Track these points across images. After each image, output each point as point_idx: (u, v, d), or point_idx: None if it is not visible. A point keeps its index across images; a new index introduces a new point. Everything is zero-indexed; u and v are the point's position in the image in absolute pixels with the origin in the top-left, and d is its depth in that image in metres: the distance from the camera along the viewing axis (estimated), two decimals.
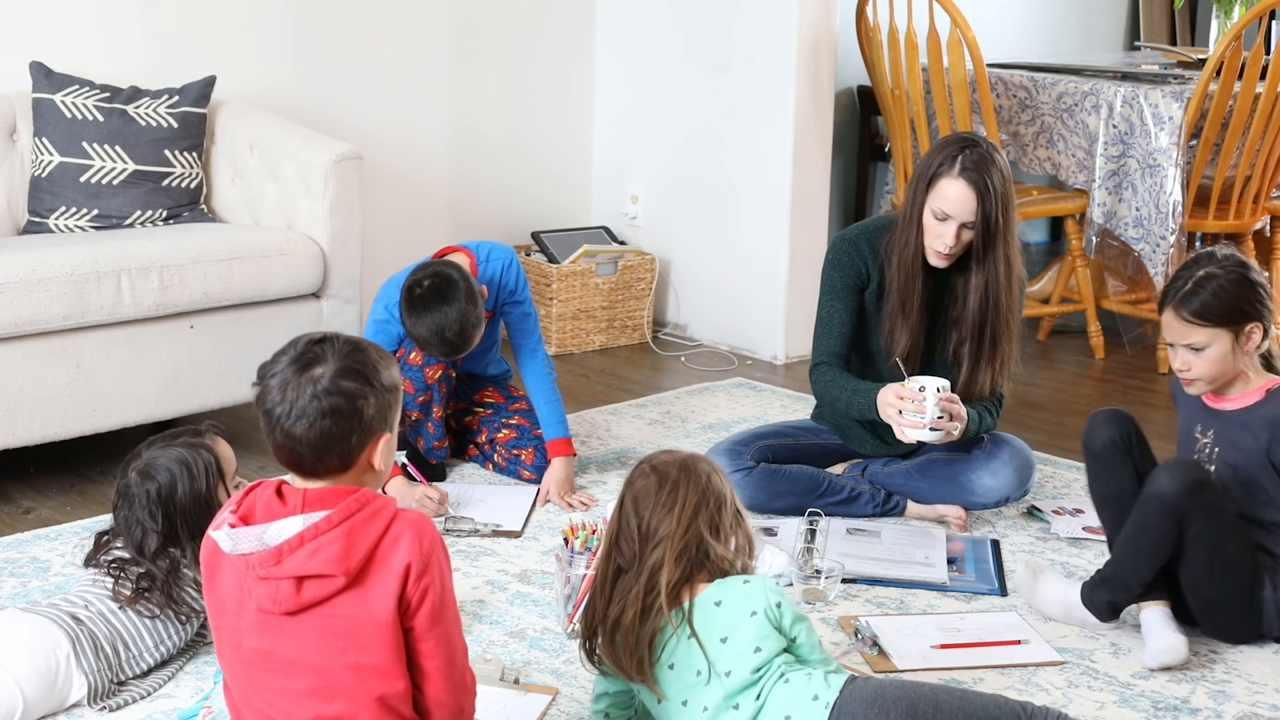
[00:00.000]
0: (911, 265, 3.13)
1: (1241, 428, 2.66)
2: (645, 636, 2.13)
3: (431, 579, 1.87)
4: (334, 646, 1.87)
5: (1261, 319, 2.62)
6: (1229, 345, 2.61)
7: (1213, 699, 2.52)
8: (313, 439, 1.86)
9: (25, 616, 2.38)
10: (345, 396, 1.86)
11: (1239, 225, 4.78)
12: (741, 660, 2.08)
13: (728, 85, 4.74)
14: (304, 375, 1.87)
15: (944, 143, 3.09)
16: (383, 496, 1.91)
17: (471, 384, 3.63)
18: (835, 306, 3.24)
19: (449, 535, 3.15)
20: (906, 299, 3.16)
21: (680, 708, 2.12)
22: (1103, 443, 2.77)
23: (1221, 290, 2.59)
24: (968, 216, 3.04)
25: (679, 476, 2.16)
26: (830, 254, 3.26)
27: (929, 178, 3.06)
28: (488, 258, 3.40)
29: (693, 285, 4.97)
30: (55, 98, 3.68)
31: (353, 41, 4.49)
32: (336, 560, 1.84)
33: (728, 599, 2.12)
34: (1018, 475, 3.24)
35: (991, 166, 3.03)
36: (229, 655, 1.94)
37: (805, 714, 2.04)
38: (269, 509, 1.89)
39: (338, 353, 1.89)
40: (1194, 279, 2.61)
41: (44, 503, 3.34)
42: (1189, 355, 2.63)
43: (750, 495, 3.25)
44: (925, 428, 3.00)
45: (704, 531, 2.14)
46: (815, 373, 3.26)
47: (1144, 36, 6.76)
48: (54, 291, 3.25)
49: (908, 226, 3.13)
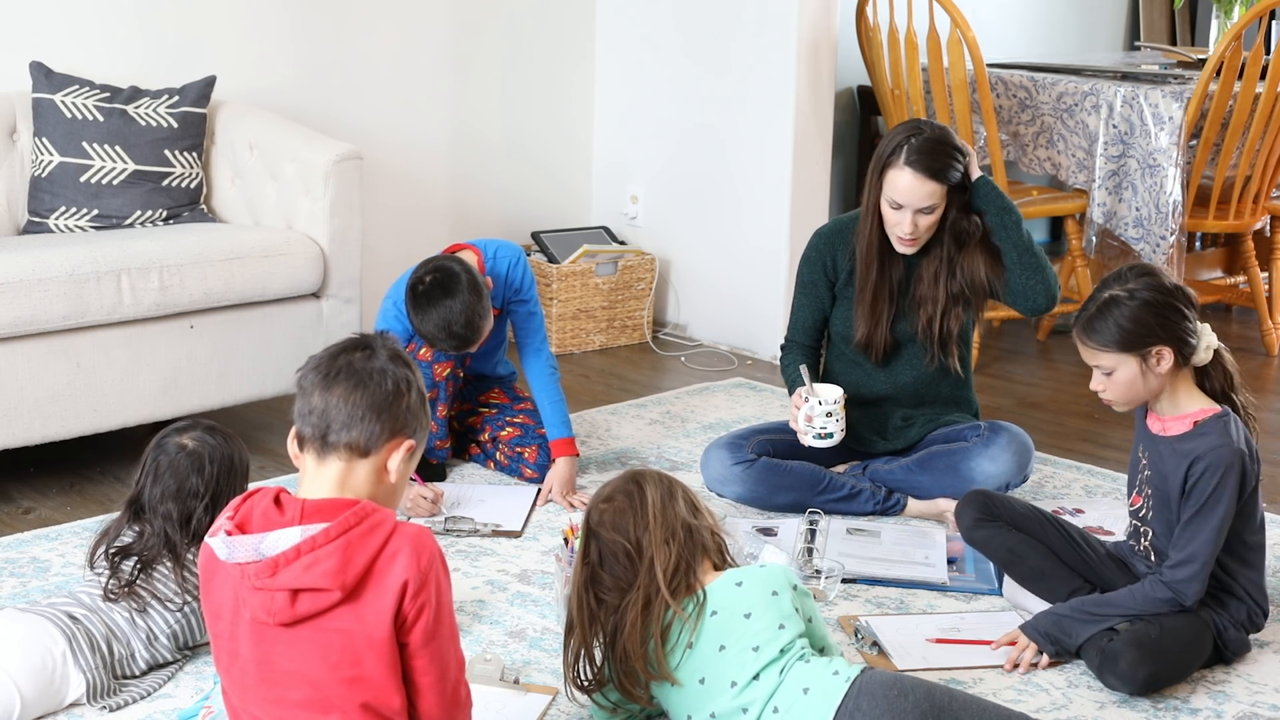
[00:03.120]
0: (867, 254, 3.24)
1: (1170, 458, 2.57)
2: (652, 629, 2.17)
3: (428, 596, 1.85)
4: (329, 660, 1.86)
5: (1171, 341, 2.50)
6: (1136, 369, 2.51)
7: (1213, 699, 2.52)
8: (350, 404, 1.87)
9: (21, 616, 2.38)
10: (394, 378, 1.91)
11: (1239, 225, 4.78)
12: (767, 635, 2.14)
13: (728, 85, 4.74)
14: (359, 351, 1.92)
15: (893, 133, 3.15)
16: (382, 510, 1.89)
17: (478, 385, 3.64)
18: (801, 300, 3.38)
19: (448, 535, 3.15)
20: (864, 287, 3.26)
21: (698, 686, 2.15)
22: (969, 527, 2.83)
23: (1123, 316, 2.49)
24: (920, 203, 3.10)
25: (634, 487, 2.26)
26: (806, 248, 3.37)
27: (880, 169, 3.13)
28: (495, 255, 3.41)
29: (693, 285, 4.97)
30: (55, 98, 3.68)
31: (353, 41, 4.49)
32: (333, 574, 1.82)
33: (748, 580, 2.20)
34: (1017, 460, 3.24)
35: (937, 149, 3.08)
36: (225, 662, 1.93)
37: (825, 686, 2.09)
38: (266, 518, 1.87)
39: (388, 346, 1.95)
40: (1098, 302, 2.53)
41: (44, 503, 3.34)
42: (1101, 378, 2.56)
43: (751, 489, 3.26)
44: (808, 435, 3.17)
45: (684, 513, 2.24)
46: (781, 351, 3.44)
47: (1144, 36, 6.76)
48: (54, 291, 3.25)
49: (865, 217, 3.22)
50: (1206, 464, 2.50)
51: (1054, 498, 3.47)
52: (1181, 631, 2.53)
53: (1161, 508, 2.61)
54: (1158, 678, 2.49)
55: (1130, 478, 2.73)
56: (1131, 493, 2.72)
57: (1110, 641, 2.52)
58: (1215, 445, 2.51)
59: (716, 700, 2.14)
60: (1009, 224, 3.18)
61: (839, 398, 3.17)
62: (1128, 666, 2.48)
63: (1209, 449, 2.51)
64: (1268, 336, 4.89)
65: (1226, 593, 2.60)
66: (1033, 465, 3.31)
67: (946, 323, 3.26)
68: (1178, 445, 2.56)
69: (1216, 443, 2.51)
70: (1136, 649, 2.48)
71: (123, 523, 2.53)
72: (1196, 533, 2.50)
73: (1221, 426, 2.53)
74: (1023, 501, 2.88)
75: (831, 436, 3.16)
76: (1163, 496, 2.60)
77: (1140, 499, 2.68)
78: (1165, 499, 2.59)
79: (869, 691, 2.07)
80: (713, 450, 3.33)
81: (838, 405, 3.16)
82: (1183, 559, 2.51)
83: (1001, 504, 2.82)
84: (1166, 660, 2.50)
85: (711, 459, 3.32)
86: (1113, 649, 2.50)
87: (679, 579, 2.19)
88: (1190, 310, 2.53)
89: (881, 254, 3.23)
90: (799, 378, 3.23)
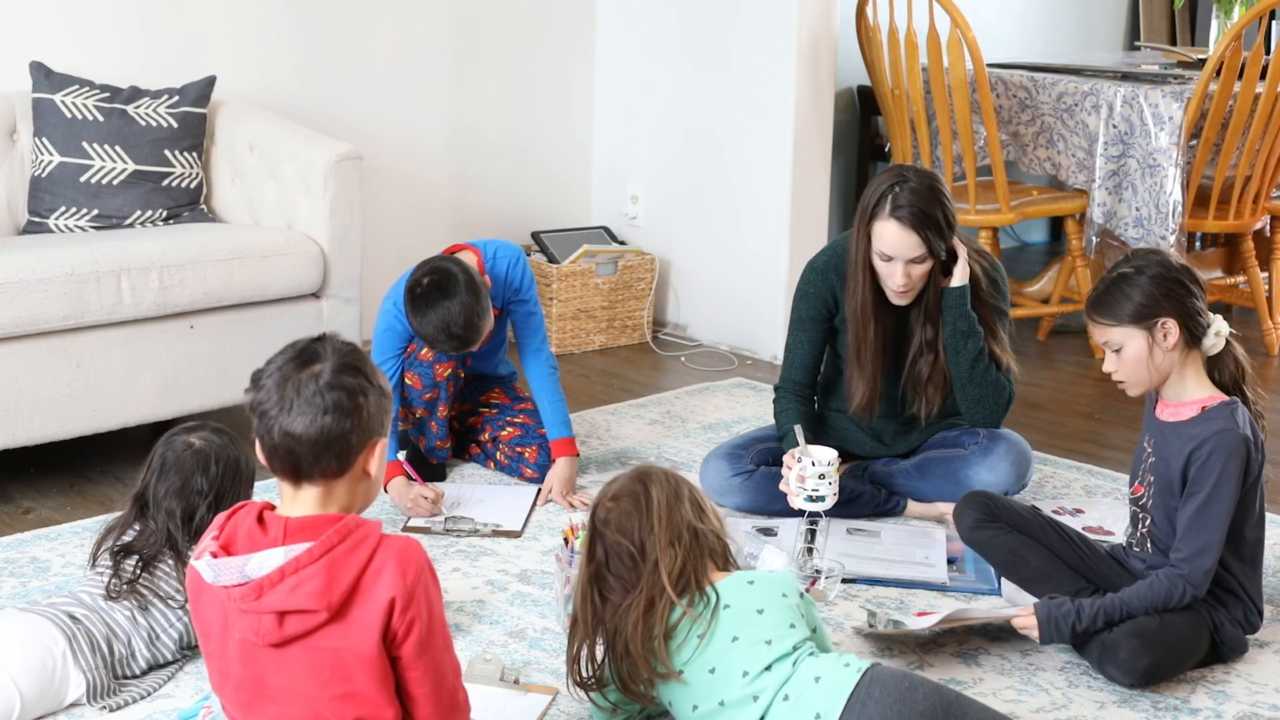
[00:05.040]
0: (862, 314, 3.13)
1: (1173, 442, 2.58)
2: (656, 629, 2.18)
3: (417, 611, 1.83)
4: (320, 678, 1.84)
5: (1177, 314, 2.52)
6: (1144, 344, 2.53)
7: (1213, 699, 2.52)
8: (313, 436, 1.81)
9: (21, 616, 2.38)
10: (347, 392, 1.83)
11: (1239, 225, 4.78)
12: (779, 631, 2.16)
13: (728, 85, 4.74)
14: (304, 371, 1.83)
15: (876, 182, 3.05)
16: (367, 523, 1.86)
17: (479, 385, 3.64)
18: (800, 337, 3.28)
19: (448, 535, 3.15)
20: (860, 348, 3.16)
21: (708, 676, 2.17)
22: (969, 529, 2.80)
23: (1131, 288, 2.53)
24: (910, 253, 3.01)
25: (640, 488, 2.25)
26: (800, 283, 3.27)
27: (866, 221, 3.04)
28: (494, 255, 3.41)
29: (693, 285, 4.97)
30: (55, 98, 3.68)
31: (353, 41, 4.49)
32: (318, 595, 1.80)
33: (759, 580, 2.23)
34: (1015, 469, 3.23)
35: (922, 196, 2.98)
36: (218, 680, 1.93)
37: (836, 676, 2.10)
38: (250, 539, 1.85)
39: (336, 350, 1.86)
40: (1109, 280, 2.57)
41: (44, 503, 3.34)
42: (1112, 357, 2.58)
43: (751, 499, 3.26)
44: (799, 497, 3.05)
45: (690, 516, 2.24)
46: (775, 396, 3.33)
47: (1144, 36, 6.75)
48: (54, 291, 3.25)
49: (855, 273, 3.12)
50: (1211, 448, 2.50)
51: (1054, 498, 3.47)
52: (1181, 624, 2.54)
53: (1163, 494, 2.61)
54: (1158, 668, 2.50)
55: (1134, 467, 2.73)
56: (1134, 482, 2.72)
57: (1110, 633, 2.53)
58: (1220, 430, 2.51)
59: (727, 689, 2.15)
60: (962, 349, 3.12)
61: (832, 459, 3.05)
62: (1128, 656, 2.49)
63: (1213, 433, 2.51)
64: (1268, 336, 4.89)
65: (1223, 588, 2.60)
66: (1031, 473, 3.30)
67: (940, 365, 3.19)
68: (1183, 429, 2.57)
69: (1221, 427, 2.52)
70: (1137, 639, 2.50)
71: (129, 519, 2.53)
72: (1208, 522, 2.51)
73: (1228, 413, 2.54)
74: (1022, 503, 2.88)
75: (824, 499, 3.03)
76: (1165, 482, 2.60)
77: (1142, 487, 2.68)
78: (1167, 484, 2.60)
79: (880, 682, 2.09)
80: (711, 460, 3.32)
81: (831, 467, 3.04)
82: (1198, 549, 2.51)
83: (1001, 505, 2.82)
84: (1166, 651, 2.51)
85: (710, 470, 3.31)
86: (1113, 640, 2.51)
87: (684, 581, 2.20)
88: (1197, 288, 2.55)
89: (877, 311, 3.13)
90: (792, 435, 3.12)
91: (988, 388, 3.18)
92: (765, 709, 2.11)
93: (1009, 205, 4.67)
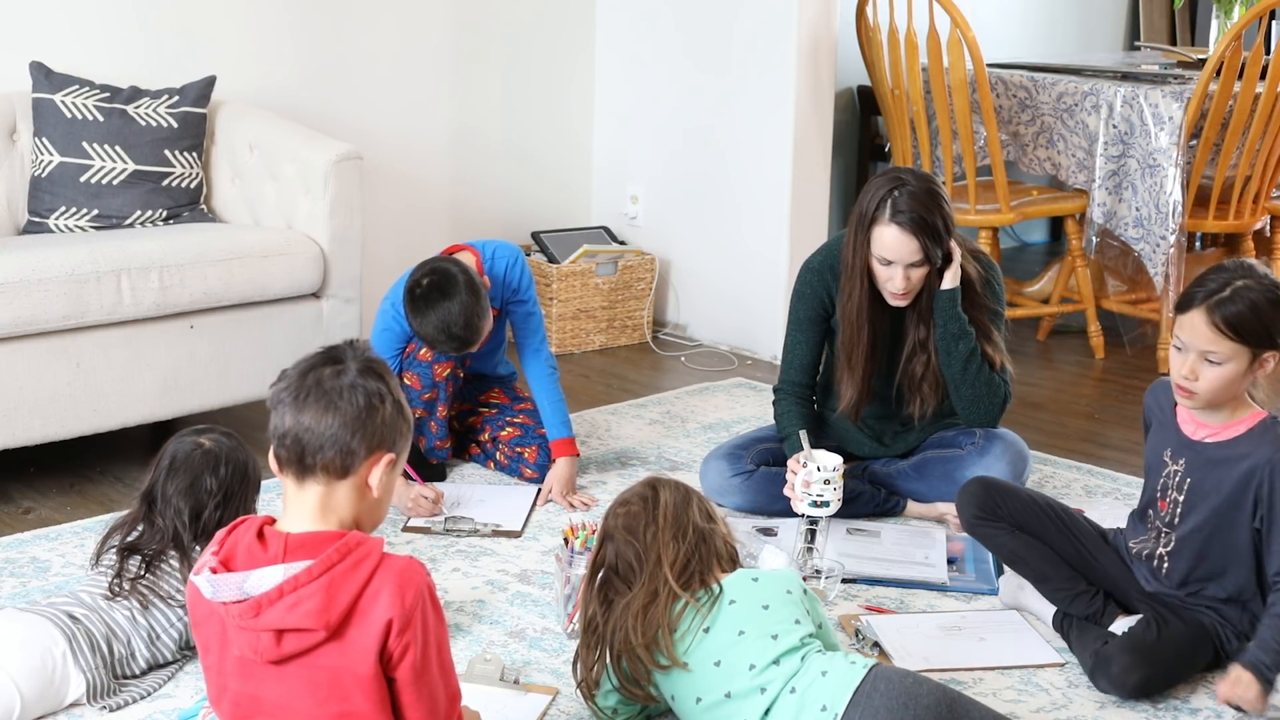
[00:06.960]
0: (857, 317, 3.12)
1: (1221, 464, 2.49)
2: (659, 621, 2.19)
3: (413, 635, 1.82)
4: (316, 696, 1.84)
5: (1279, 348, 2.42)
6: (1244, 366, 2.41)
7: (1213, 699, 2.51)
8: (322, 426, 1.83)
9: (21, 616, 2.38)
10: (365, 393, 1.86)
11: (1239, 225, 4.78)
12: (785, 626, 2.18)
13: (728, 85, 4.74)
14: (328, 367, 1.88)
15: (874, 186, 3.03)
16: (368, 541, 1.85)
17: (478, 384, 3.64)
18: (798, 338, 3.27)
19: (448, 535, 3.15)
20: (852, 351, 3.16)
21: (712, 668, 2.18)
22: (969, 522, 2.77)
23: (1257, 307, 2.38)
24: (910, 258, 3.01)
25: (650, 492, 2.30)
26: (796, 283, 3.26)
27: (866, 225, 3.03)
28: (493, 256, 3.41)
29: (693, 285, 4.97)
30: (55, 98, 3.68)
31: (353, 41, 4.49)
32: (316, 614, 1.80)
33: (764, 577, 2.25)
34: (1011, 469, 3.22)
35: (921, 201, 2.97)
36: (216, 695, 1.93)
37: (843, 671, 2.12)
38: (250, 554, 1.85)
39: (359, 355, 1.90)
40: (1232, 286, 2.39)
41: (44, 503, 3.34)
42: (1201, 365, 2.42)
43: (750, 499, 3.26)
44: (804, 502, 3.02)
45: (697, 518, 2.27)
46: (775, 397, 3.32)
47: (1144, 36, 6.75)
48: (54, 291, 3.25)
49: (851, 277, 3.10)
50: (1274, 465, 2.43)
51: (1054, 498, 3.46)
52: (1180, 639, 2.52)
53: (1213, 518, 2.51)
54: (1150, 684, 2.47)
55: (1151, 482, 2.64)
56: (1157, 498, 2.62)
57: (1105, 644, 2.51)
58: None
59: (733, 681, 2.16)
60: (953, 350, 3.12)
61: (838, 465, 3.02)
62: (1120, 671, 2.46)
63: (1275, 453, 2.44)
64: None
65: (1235, 601, 2.56)
66: (1029, 472, 3.29)
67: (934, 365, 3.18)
68: (1226, 449, 2.49)
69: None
70: (1130, 654, 2.47)
71: (135, 517, 2.53)
72: None
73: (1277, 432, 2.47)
74: (1025, 491, 2.82)
75: (828, 505, 3.00)
76: (1212, 507, 2.51)
77: (1167, 504, 2.59)
78: (1215, 509, 2.50)
79: (886, 677, 2.11)
80: (711, 461, 3.33)
81: (836, 473, 3.01)
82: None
83: (1002, 496, 2.75)
84: (1161, 667, 2.49)
85: (710, 470, 3.31)
86: (1107, 652, 2.49)
87: (688, 575, 2.22)
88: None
89: (872, 314, 3.12)
90: (796, 440, 3.11)
91: (981, 388, 3.18)
92: (772, 701, 2.12)
93: (1009, 205, 4.67)
